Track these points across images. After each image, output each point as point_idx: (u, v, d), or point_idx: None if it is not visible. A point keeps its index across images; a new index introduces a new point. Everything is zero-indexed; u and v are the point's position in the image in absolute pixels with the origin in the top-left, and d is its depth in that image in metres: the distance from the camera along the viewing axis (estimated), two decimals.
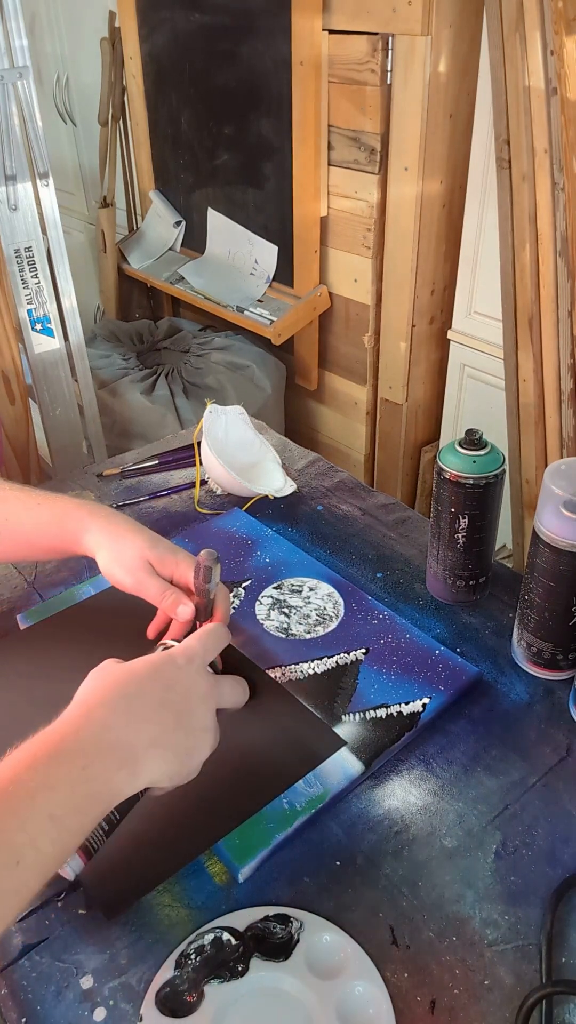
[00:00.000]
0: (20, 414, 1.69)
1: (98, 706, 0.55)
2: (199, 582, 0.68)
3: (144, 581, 0.70)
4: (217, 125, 2.07)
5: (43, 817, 0.48)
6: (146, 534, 0.73)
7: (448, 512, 0.80)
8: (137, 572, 0.70)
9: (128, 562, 0.71)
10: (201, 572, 0.67)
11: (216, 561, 0.67)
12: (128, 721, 0.54)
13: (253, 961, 0.56)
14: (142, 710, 0.56)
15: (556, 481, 0.68)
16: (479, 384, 1.81)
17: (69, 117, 2.63)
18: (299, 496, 1.05)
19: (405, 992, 0.55)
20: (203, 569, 0.67)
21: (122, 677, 0.57)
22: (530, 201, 1.44)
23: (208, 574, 0.67)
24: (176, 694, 0.58)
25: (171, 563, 0.71)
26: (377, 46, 1.59)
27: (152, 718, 0.55)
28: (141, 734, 0.54)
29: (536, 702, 0.75)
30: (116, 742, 0.53)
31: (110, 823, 0.54)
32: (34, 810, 0.47)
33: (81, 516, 0.74)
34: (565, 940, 0.57)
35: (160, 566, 0.71)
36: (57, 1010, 0.54)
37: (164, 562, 0.71)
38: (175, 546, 0.73)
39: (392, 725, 0.71)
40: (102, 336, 2.29)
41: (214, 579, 0.68)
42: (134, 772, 0.53)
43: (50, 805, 0.48)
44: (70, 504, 0.76)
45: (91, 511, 0.75)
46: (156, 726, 0.55)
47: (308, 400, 2.23)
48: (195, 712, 0.58)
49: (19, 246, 1.55)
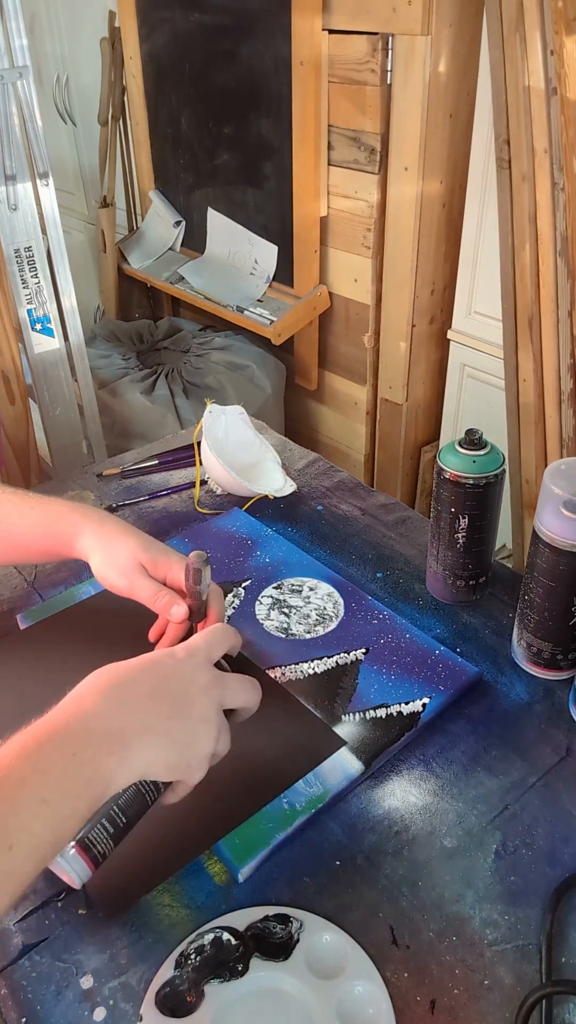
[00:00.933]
0: (20, 414, 1.68)
1: (89, 696, 0.55)
2: (190, 584, 0.68)
3: (137, 583, 0.70)
4: (217, 125, 2.07)
5: (36, 801, 0.48)
6: (139, 536, 0.73)
7: (448, 512, 0.80)
8: (130, 575, 0.70)
9: (121, 565, 0.71)
10: (191, 574, 0.67)
11: (206, 563, 0.67)
12: (118, 708, 0.54)
13: (253, 961, 0.56)
14: (133, 698, 0.55)
15: (556, 481, 0.68)
16: (479, 384, 1.81)
17: (69, 117, 2.63)
18: (299, 496, 1.05)
19: (405, 992, 0.55)
20: (192, 571, 0.67)
21: (116, 671, 0.57)
22: (530, 201, 1.44)
23: (198, 576, 0.67)
24: (172, 684, 0.57)
25: (164, 565, 0.71)
26: (377, 46, 1.59)
27: (144, 706, 0.55)
28: (132, 721, 0.54)
29: (536, 702, 0.75)
30: (106, 729, 0.53)
31: (115, 826, 0.54)
32: (26, 795, 0.48)
33: (74, 520, 0.74)
34: (565, 940, 0.57)
35: (153, 568, 0.71)
36: (57, 1010, 0.54)
37: (157, 564, 0.71)
38: (168, 548, 0.73)
39: (392, 725, 0.71)
40: (102, 336, 2.29)
41: (204, 580, 0.68)
42: (125, 757, 0.53)
43: (43, 790, 0.48)
44: (63, 508, 0.76)
45: (84, 514, 0.74)
46: (148, 713, 0.55)
47: (308, 400, 2.23)
48: (194, 703, 0.57)
49: (19, 246, 1.55)
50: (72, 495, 1.06)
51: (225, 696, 0.60)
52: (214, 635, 0.63)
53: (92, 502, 1.04)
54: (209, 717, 0.58)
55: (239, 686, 0.62)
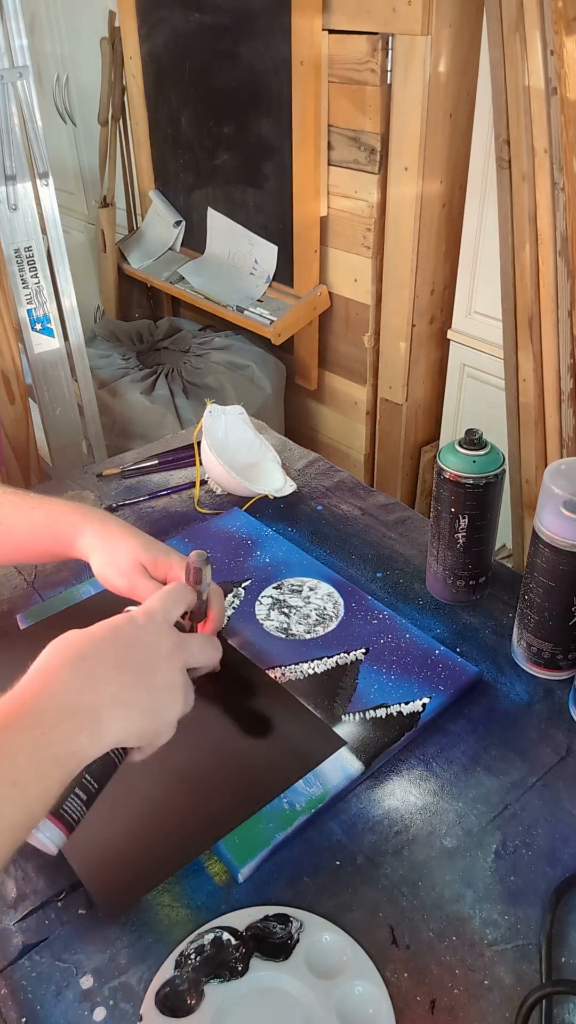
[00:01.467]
0: (20, 414, 1.69)
1: (55, 671, 0.54)
2: (190, 583, 0.68)
3: (138, 584, 0.70)
4: (217, 125, 2.07)
5: (6, 784, 0.47)
6: (139, 536, 0.72)
7: (448, 512, 0.80)
8: (130, 575, 0.70)
9: (121, 565, 0.70)
10: (191, 574, 0.67)
11: (206, 562, 0.67)
12: (86, 682, 0.54)
13: (253, 961, 0.56)
14: (100, 670, 0.55)
15: (556, 481, 0.68)
16: (479, 384, 1.81)
17: (69, 117, 2.63)
18: (299, 496, 1.05)
19: (405, 992, 0.55)
20: (193, 571, 0.67)
21: (78, 640, 0.56)
22: (530, 201, 1.44)
23: (198, 575, 0.67)
24: (137, 652, 0.57)
25: (165, 565, 0.71)
26: (377, 46, 1.59)
27: (112, 678, 0.55)
28: (101, 694, 0.54)
29: (536, 702, 0.75)
30: (76, 705, 0.52)
31: (87, 792, 0.54)
32: None
33: (74, 520, 0.74)
34: (565, 940, 0.57)
35: (154, 568, 0.71)
36: (57, 1010, 0.54)
37: (158, 564, 0.71)
38: (169, 548, 0.73)
39: (392, 725, 0.71)
40: (102, 336, 2.29)
41: (205, 580, 0.67)
42: (96, 732, 0.52)
43: (12, 771, 0.48)
44: (64, 508, 0.76)
45: (84, 514, 0.74)
46: (116, 685, 0.54)
47: (308, 400, 2.23)
48: (159, 669, 0.58)
49: (19, 246, 1.55)
50: (72, 495, 1.06)
51: (188, 658, 0.61)
52: (169, 596, 0.63)
53: (92, 502, 1.04)
54: (175, 682, 0.59)
55: (200, 646, 0.63)
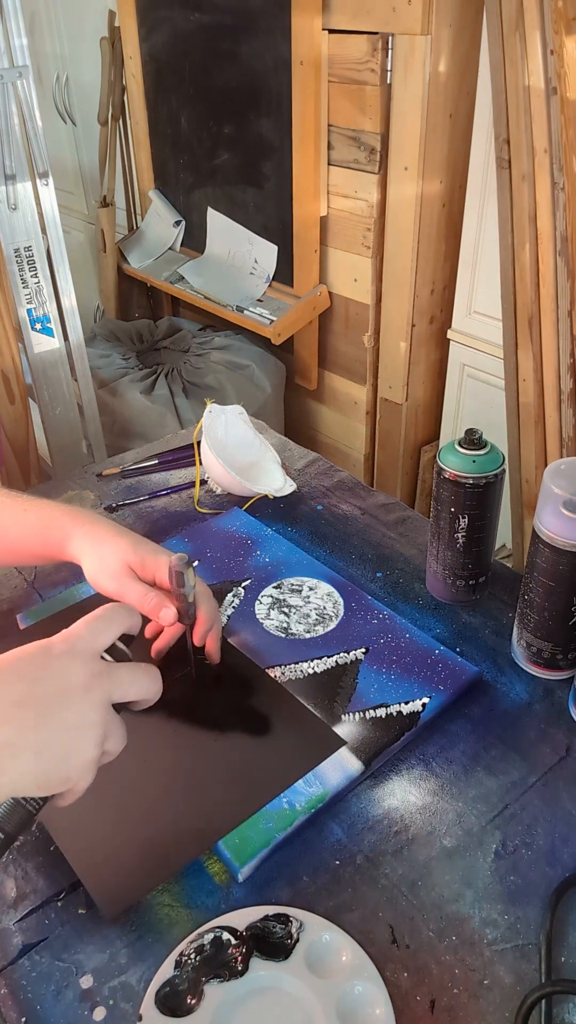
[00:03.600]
0: (20, 414, 1.69)
1: None
2: (174, 587, 0.67)
3: (126, 586, 0.68)
4: (217, 125, 2.07)
5: None
6: (128, 537, 0.71)
7: (448, 512, 0.80)
8: (119, 577, 0.69)
9: (111, 567, 0.69)
10: (173, 577, 0.66)
11: (188, 564, 0.66)
12: None
13: (253, 961, 0.56)
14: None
15: (556, 481, 0.68)
16: (479, 384, 1.81)
17: (69, 117, 2.63)
18: (299, 496, 1.05)
19: (405, 992, 0.55)
20: (175, 574, 0.66)
21: None
22: (530, 201, 1.44)
23: (180, 579, 0.66)
24: (43, 688, 0.51)
25: (153, 566, 0.70)
26: (377, 46, 1.59)
27: (9, 716, 0.49)
28: None
29: (536, 702, 0.75)
30: None
31: None
32: None
33: (64, 523, 0.73)
34: (565, 939, 0.57)
35: (142, 570, 0.70)
36: (57, 1009, 0.54)
37: (146, 565, 0.70)
38: (158, 548, 0.72)
39: (392, 725, 0.71)
40: (102, 336, 2.29)
41: (188, 583, 0.67)
42: None
43: None
44: (56, 510, 0.75)
45: (75, 517, 0.73)
46: (10, 727, 0.49)
47: (308, 400, 2.23)
48: (70, 707, 0.51)
49: (19, 246, 1.55)
50: (72, 495, 1.06)
51: (113, 691, 0.54)
52: (99, 620, 0.57)
53: (92, 502, 1.04)
54: (90, 720, 0.52)
55: (129, 678, 0.56)
